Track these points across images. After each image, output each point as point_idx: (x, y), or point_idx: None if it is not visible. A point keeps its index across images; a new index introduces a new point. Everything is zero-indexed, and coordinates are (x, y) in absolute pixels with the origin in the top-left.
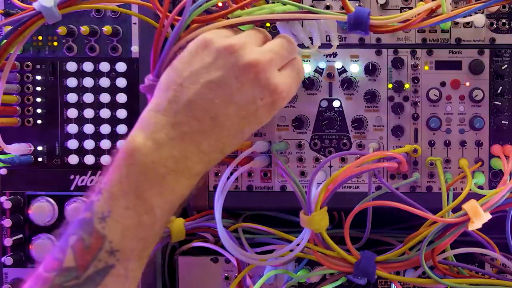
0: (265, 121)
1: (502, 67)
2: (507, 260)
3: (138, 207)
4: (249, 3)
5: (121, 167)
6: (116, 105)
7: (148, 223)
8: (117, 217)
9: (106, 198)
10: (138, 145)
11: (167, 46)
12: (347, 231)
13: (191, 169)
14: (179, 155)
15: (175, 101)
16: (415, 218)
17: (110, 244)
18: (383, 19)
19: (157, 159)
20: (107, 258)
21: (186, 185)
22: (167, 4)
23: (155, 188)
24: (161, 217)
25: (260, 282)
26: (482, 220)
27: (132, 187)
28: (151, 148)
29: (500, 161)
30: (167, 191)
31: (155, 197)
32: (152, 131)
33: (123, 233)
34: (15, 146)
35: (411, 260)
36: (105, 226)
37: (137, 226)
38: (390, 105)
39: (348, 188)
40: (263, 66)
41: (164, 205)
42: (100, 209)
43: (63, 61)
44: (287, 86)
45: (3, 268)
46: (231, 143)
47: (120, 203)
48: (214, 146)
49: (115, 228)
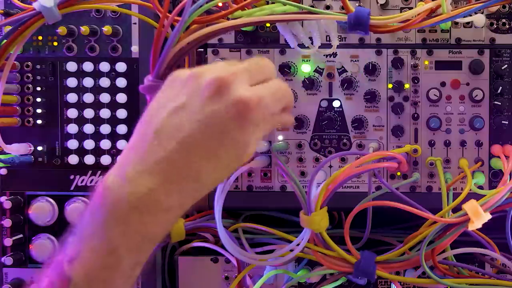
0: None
1: (502, 67)
2: (507, 260)
3: (102, 249)
4: (250, 3)
5: (92, 207)
6: (116, 105)
7: (112, 265)
8: (83, 259)
9: (76, 240)
10: (108, 183)
11: (167, 47)
12: (347, 231)
13: (158, 204)
14: (144, 189)
15: (145, 134)
16: (415, 218)
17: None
18: (383, 19)
19: (122, 195)
20: None
21: (152, 222)
22: (167, 4)
23: (119, 227)
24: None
25: (260, 282)
26: (482, 220)
27: (99, 227)
28: (118, 185)
29: (500, 161)
30: (131, 230)
31: (119, 237)
32: (122, 167)
33: (88, 276)
34: (15, 146)
35: (411, 260)
36: (72, 268)
37: (102, 268)
38: (390, 105)
39: (348, 188)
40: (225, 80)
41: (129, 245)
42: (70, 251)
43: (63, 61)
44: (255, 97)
45: (3, 268)
46: (207, 169)
47: (87, 244)
48: (184, 173)
49: (81, 271)
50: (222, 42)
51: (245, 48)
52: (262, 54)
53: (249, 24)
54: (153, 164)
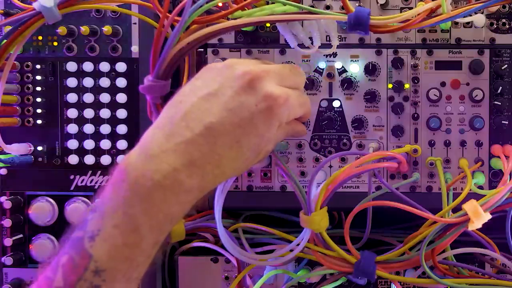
0: (264, 133)
1: (502, 67)
2: (507, 260)
3: (125, 225)
4: (250, 3)
5: (114, 183)
6: (116, 105)
7: (134, 243)
8: (105, 236)
9: (97, 216)
10: (130, 159)
11: (166, 47)
12: (347, 231)
13: (180, 184)
14: (168, 168)
15: (173, 116)
16: (415, 218)
17: (95, 264)
18: (383, 19)
19: (146, 172)
20: (92, 278)
21: (174, 202)
22: (167, 4)
23: (142, 205)
24: (147, 236)
25: (260, 282)
26: (482, 220)
27: (121, 204)
28: (142, 162)
29: (500, 161)
30: (154, 208)
31: (141, 214)
32: (146, 145)
33: (109, 253)
34: (15, 146)
35: (411, 260)
36: (93, 244)
37: (123, 245)
38: (390, 105)
39: (348, 188)
40: (258, 75)
41: (151, 223)
42: (91, 227)
43: (63, 61)
44: (284, 95)
45: (3, 268)
46: (228, 156)
47: (109, 221)
48: (208, 157)
49: (102, 247)
50: (222, 42)
51: (245, 48)
52: (262, 54)
53: (249, 24)
54: (179, 144)
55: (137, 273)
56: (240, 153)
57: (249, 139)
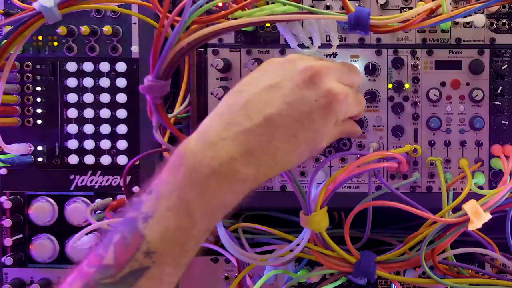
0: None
1: (502, 67)
2: (507, 260)
3: (179, 209)
4: (250, 3)
5: (171, 167)
6: (116, 105)
7: (186, 227)
8: (158, 217)
9: (153, 198)
10: (189, 145)
11: (166, 47)
12: (347, 231)
13: (236, 172)
14: (226, 155)
15: (233, 105)
16: (415, 218)
17: (147, 245)
18: (383, 19)
19: (203, 158)
20: (143, 259)
21: (228, 190)
22: (167, 4)
23: (197, 190)
24: (199, 222)
25: (260, 282)
26: (482, 220)
27: (176, 188)
28: (200, 148)
29: (500, 161)
30: (208, 194)
31: (196, 199)
32: (205, 132)
33: (162, 235)
34: (15, 146)
35: (411, 260)
36: (146, 226)
37: (176, 229)
38: (390, 105)
39: (348, 188)
40: (318, 70)
41: (204, 209)
42: (145, 208)
43: (63, 61)
44: (343, 92)
45: (3, 268)
46: (284, 148)
47: (164, 203)
48: (264, 149)
49: (155, 229)
50: (222, 42)
51: (245, 48)
52: (262, 54)
53: (249, 24)
54: (238, 133)
55: (186, 258)
56: (295, 147)
57: (305, 134)
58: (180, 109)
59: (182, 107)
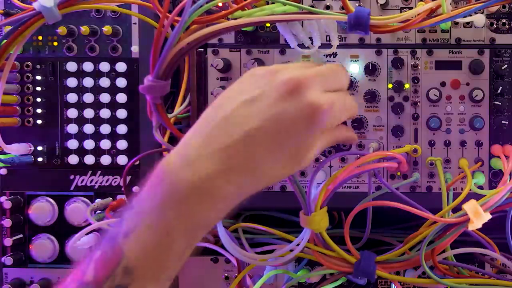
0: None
1: (502, 67)
2: (507, 260)
3: (158, 227)
4: (250, 3)
5: (152, 184)
6: (116, 105)
7: (166, 245)
8: (138, 234)
9: (134, 214)
10: (169, 163)
11: (166, 47)
12: (347, 231)
13: (217, 190)
14: (205, 173)
15: (212, 120)
16: (415, 218)
17: (126, 261)
18: (383, 19)
19: (183, 176)
20: (122, 275)
21: (209, 208)
22: (167, 4)
23: (177, 208)
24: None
25: (260, 282)
26: (482, 220)
27: (156, 205)
28: (180, 165)
29: (500, 161)
30: (188, 212)
31: (175, 217)
32: (185, 149)
33: (141, 252)
34: (15, 146)
35: (411, 260)
36: (126, 242)
37: (156, 246)
38: (390, 105)
39: (348, 188)
40: (301, 82)
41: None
42: (126, 225)
43: (63, 61)
44: (328, 102)
45: (3, 268)
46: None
47: (144, 220)
48: (245, 164)
49: (135, 246)
50: (222, 42)
51: (245, 48)
52: (262, 54)
53: (249, 24)
54: (217, 150)
55: (167, 274)
56: (278, 161)
57: (289, 148)
58: (180, 109)
59: (182, 107)
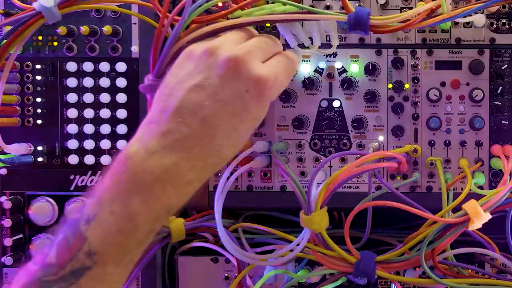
0: (259, 115)
1: (502, 67)
2: (507, 260)
3: (121, 214)
4: (249, 3)
5: (113, 174)
6: (116, 105)
7: (128, 230)
8: (100, 221)
9: (95, 202)
10: (130, 153)
11: (166, 46)
12: (347, 231)
13: (181, 177)
14: (169, 163)
15: (165, 110)
16: (415, 218)
17: (89, 246)
18: (383, 19)
19: (147, 167)
20: (84, 260)
21: (173, 194)
22: (167, 4)
23: (140, 196)
24: (143, 226)
25: (260, 282)
26: (482, 220)
27: (119, 194)
28: (142, 157)
29: (500, 161)
30: (152, 199)
31: (139, 205)
32: (145, 140)
33: (103, 237)
34: (15, 146)
35: (411, 260)
36: (88, 228)
37: (117, 232)
38: (390, 105)
39: (348, 188)
40: (241, 59)
41: (148, 214)
42: (88, 211)
43: (63, 61)
44: (272, 75)
45: (3, 268)
46: (227, 144)
47: (106, 208)
48: (208, 150)
49: (97, 231)
50: None
51: None
52: None
53: (249, 24)
54: (178, 140)
55: (129, 258)
56: (238, 139)
57: (246, 125)
58: None
59: None
